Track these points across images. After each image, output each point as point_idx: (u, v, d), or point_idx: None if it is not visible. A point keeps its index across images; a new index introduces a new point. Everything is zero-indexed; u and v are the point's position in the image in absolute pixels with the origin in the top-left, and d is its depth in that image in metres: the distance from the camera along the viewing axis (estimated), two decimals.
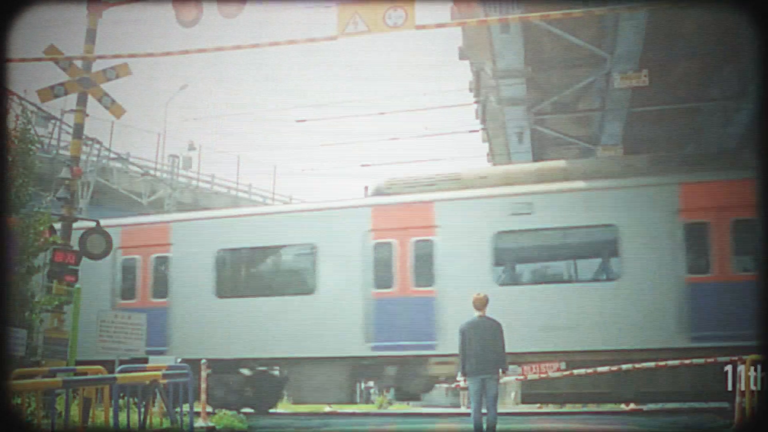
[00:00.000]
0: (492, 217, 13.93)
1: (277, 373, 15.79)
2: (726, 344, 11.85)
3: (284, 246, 15.34)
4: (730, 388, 10.00)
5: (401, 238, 14.21)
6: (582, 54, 15.46)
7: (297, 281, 15.23)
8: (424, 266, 14.01)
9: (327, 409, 17.00)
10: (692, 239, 13.04)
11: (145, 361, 11.75)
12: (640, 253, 13.08)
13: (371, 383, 25.08)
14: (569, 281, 13.85)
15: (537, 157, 20.12)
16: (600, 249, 13.87)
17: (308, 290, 14.47)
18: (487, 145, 21.79)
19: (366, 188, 21.49)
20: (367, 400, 25.50)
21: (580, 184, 13.93)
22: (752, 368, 9.55)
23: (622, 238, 13.22)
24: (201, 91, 71.75)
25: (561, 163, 15.30)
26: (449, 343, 12.75)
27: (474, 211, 14.08)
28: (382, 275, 14.16)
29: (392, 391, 26.99)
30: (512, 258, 14.23)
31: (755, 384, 9.44)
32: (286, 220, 15.62)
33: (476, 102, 18.70)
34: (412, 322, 13.81)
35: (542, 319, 13.13)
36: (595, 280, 13.58)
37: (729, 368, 10.12)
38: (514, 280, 14.01)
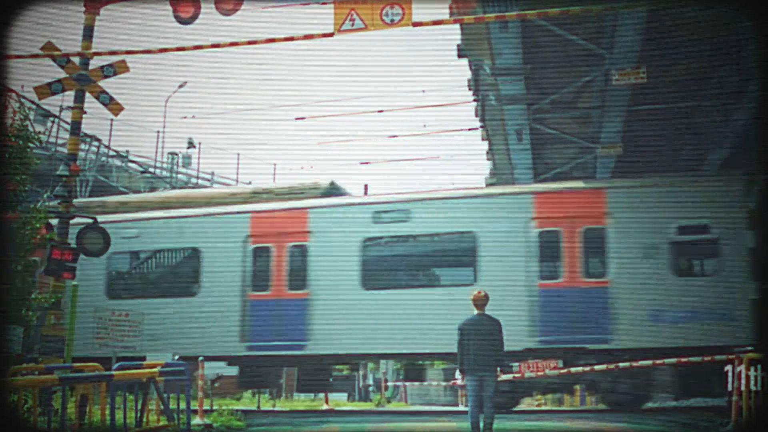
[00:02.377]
0: (360, 224, 14.73)
1: None
2: (569, 346, 13.16)
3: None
4: (730, 387, 10.00)
5: (278, 243, 14.98)
6: (581, 52, 15.44)
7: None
8: (299, 270, 14.86)
9: (324, 407, 17.00)
10: (545, 247, 13.82)
11: (143, 358, 11.74)
12: (495, 259, 13.92)
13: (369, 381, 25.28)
14: (431, 285, 14.60)
15: (536, 155, 20.12)
16: (461, 255, 14.59)
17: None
18: (486, 143, 21.78)
19: (366, 186, 21.59)
20: (365, 398, 25.56)
21: (444, 192, 15.07)
22: (752, 368, 9.52)
23: (480, 244, 14.04)
24: (201, 88, 71.77)
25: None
26: (320, 344, 14.27)
27: (344, 217, 14.93)
28: (260, 279, 15.04)
29: (390, 389, 27.12)
30: (379, 263, 15.02)
31: (755, 384, 9.42)
32: None
33: (475, 100, 18.68)
34: (285, 323, 14.60)
35: (405, 321, 13.90)
36: (455, 284, 14.11)
37: (729, 368, 10.12)
38: (379, 285, 14.61)
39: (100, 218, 13.04)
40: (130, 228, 15.86)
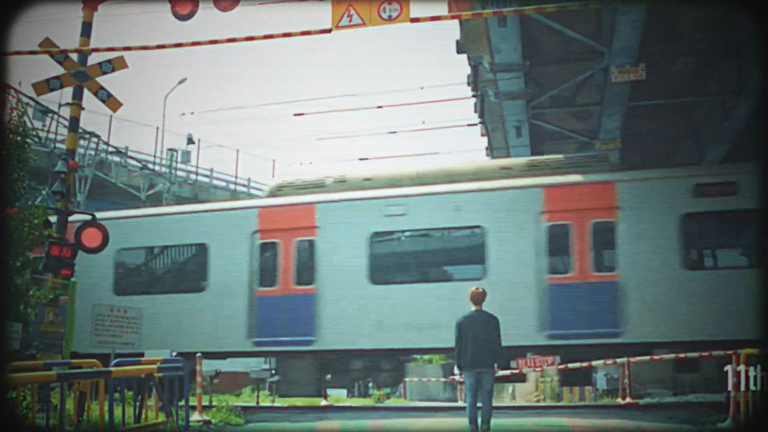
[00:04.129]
0: (368, 218, 14.56)
1: None
2: (582, 341, 12.92)
3: None
4: (730, 387, 10.00)
5: (285, 238, 14.86)
6: (580, 48, 15.45)
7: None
8: (306, 265, 14.74)
9: (323, 403, 17.01)
10: (554, 241, 13.60)
11: (141, 355, 11.73)
12: (505, 253, 13.70)
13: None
14: (439, 280, 14.43)
15: (535, 151, 20.12)
16: (469, 249, 14.50)
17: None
18: (485, 139, 21.79)
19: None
20: (365, 394, 25.55)
21: (450, 186, 14.52)
22: (752, 368, 9.53)
23: (489, 239, 13.85)
24: (200, 86, 71.74)
25: (444, 166, 15.83)
26: (326, 339, 14.16)
27: (352, 212, 14.71)
28: (267, 275, 14.94)
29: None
30: (387, 257, 14.88)
31: (755, 384, 9.43)
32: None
33: (474, 96, 18.69)
34: (292, 318, 14.47)
35: (415, 316, 13.78)
36: (463, 279, 13.89)
37: (729, 368, 10.11)
38: (387, 279, 14.49)
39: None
40: None
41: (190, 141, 33.08)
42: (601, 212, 13.50)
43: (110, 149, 27.59)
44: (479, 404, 9.38)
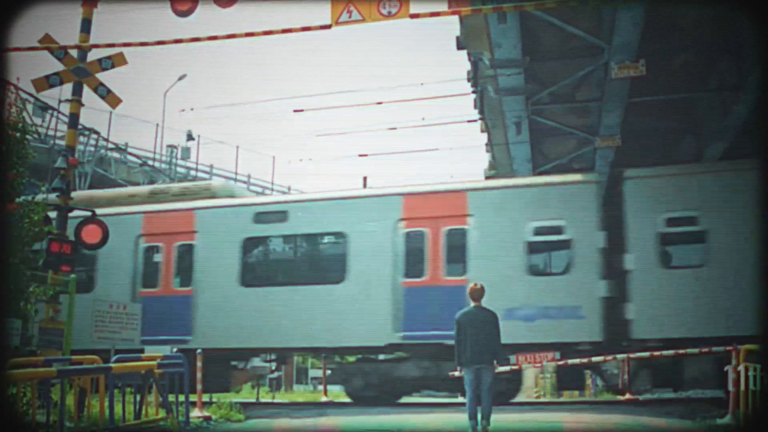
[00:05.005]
0: (241, 224, 15.52)
1: None
2: (432, 342, 13.81)
3: None
4: (730, 387, 10.04)
5: (167, 242, 15.72)
6: (580, 44, 15.40)
7: None
8: (186, 268, 15.64)
9: (323, 398, 17.04)
10: (410, 246, 14.61)
11: (141, 351, 11.75)
12: (364, 258, 14.67)
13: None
14: (305, 283, 15.20)
15: (535, 148, 20.10)
16: (332, 254, 15.55)
17: None
18: (485, 135, 21.76)
19: (365, 179, 21.58)
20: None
21: (319, 194, 16.00)
22: (752, 368, 9.54)
23: (350, 244, 14.84)
24: (200, 82, 71.64)
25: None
26: (201, 338, 14.70)
27: (226, 218, 15.72)
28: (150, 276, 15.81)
29: None
30: (257, 261, 15.97)
31: (755, 384, 9.44)
32: None
33: (474, 92, 18.65)
34: (174, 318, 15.18)
35: (280, 317, 14.67)
36: (327, 282, 14.95)
37: (729, 368, 10.18)
38: (257, 282, 15.42)
39: None
40: None
41: (190, 137, 33.07)
42: (454, 220, 14.49)
43: (110, 146, 27.59)
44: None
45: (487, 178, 23.05)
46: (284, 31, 9.50)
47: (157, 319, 14.50)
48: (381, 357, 15.37)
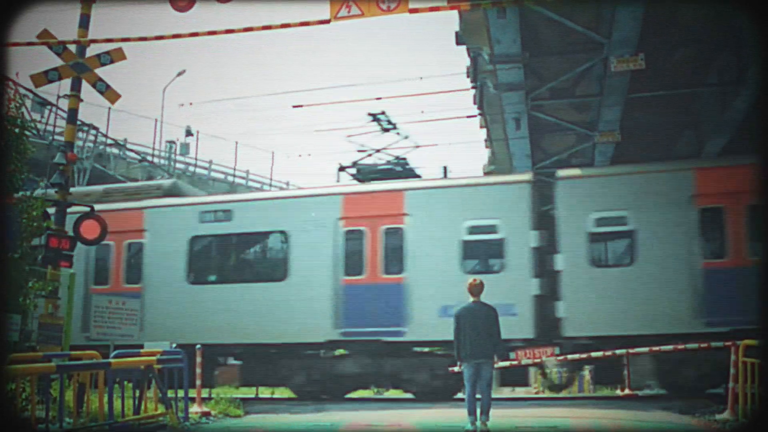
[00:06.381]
0: (188, 223, 15.86)
1: None
2: (370, 338, 14.33)
3: None
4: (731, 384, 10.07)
5: (117, 240, 15.88)
6: (579, 39, 15.39)
7: None
8: (134, 266, 16.07)
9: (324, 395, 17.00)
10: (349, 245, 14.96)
11: (141, 346, 11.74)
12: (304, 256, 14.99)
13: None
14: (249, 281, 15.57)
15: (534, 143, 20.09)
16: (275, 252, 15.88)
17: None
18: (484, 130, 21.74)
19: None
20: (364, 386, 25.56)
21: (262, 194, 15.72)
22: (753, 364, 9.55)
23: (291, 242, 15.19)
24: (199, 79, 71.52)
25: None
26: (148, 335, 14.27)
27: (174, 217, 16.05)
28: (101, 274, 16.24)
29: None
30: (203, 259, 16.19)
31: (753, 379, 9.44)
32: None
33: (473, 87, 18.63)
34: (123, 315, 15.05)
35: (228, 314, 15.00)
36: (270, 280, 15.36)
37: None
38: (203, 280, 15.81)
39: None
40: None
41: (189, 133, 33.05)
42: (392, 219, 14.79)
43: (109, 141, 27.56)
44: (478, 396, 9.39)
45: (486, 173, 23.06)
46: (283, 26, 9.48)
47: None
48: (322, 353, 15.50)
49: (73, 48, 12.40)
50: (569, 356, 13.20)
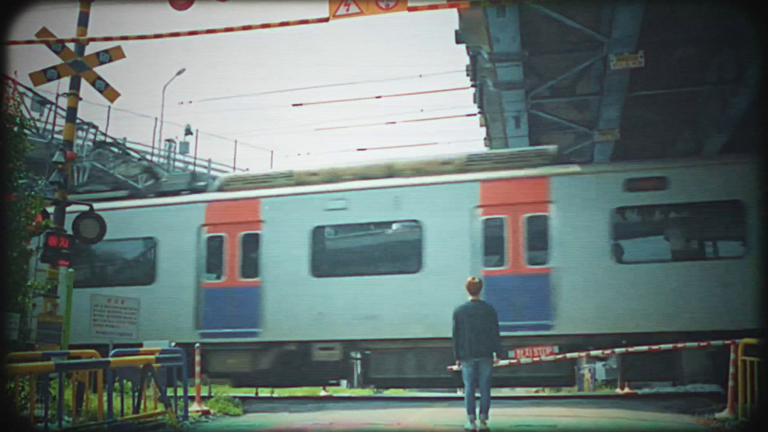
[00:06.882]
0: (311, 212, 14.96)
1: None
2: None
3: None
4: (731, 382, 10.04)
5: (232, 232, 15.22)
6: (579, 38, 15.37)
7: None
8: (251, 258, 15.13)
9: (322, 393, 17.05)
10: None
11: (140, 345, 11.74)
12: (441, 246, 14.08)
13: None
14: (382, 273, 14.60)
15: (534, 142, 20.07)
16: (406, 243, 14.83)
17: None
18: (484, 129, 21.72)
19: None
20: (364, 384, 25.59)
21: (388, 181, 14.98)
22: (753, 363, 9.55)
23: (426, 232, 14.23)
24: (198, 77, 71.54)
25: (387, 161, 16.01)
26: (270, 331, 14.49)
27: (295, 207, 15.11)
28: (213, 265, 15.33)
29: None
30: (330, 251, 15.32)
31: (753, 378, 9.45)
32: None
33: (473, 86, 18.61)
34: (239, 310, 14.82)
35: (362, 308, 14.14)
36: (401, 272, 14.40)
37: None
38: (329, 273, 14.81)
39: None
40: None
41: (188, 132, 33.01)
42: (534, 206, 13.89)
43: (108, 139, 27.50)
44: (477, 394, 9.40)
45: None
46: (282, 24, 9.46)
47: None
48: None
49: (72, 46, 12.39)
50: (568, 354, 13.16)
